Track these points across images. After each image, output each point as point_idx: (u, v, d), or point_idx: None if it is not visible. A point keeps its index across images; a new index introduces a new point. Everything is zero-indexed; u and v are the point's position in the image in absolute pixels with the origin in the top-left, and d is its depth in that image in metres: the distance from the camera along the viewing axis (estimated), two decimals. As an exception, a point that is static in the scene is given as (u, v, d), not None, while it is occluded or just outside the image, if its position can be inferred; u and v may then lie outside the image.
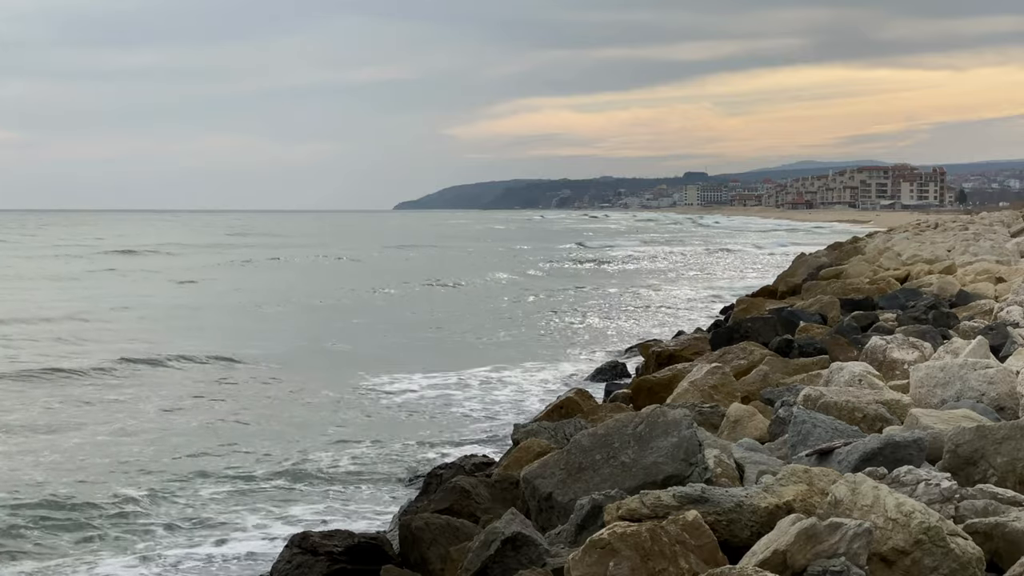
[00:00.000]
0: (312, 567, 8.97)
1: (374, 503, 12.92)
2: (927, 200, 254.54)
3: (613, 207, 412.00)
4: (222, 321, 32.74)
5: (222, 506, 12.82)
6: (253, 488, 13.57)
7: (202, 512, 12.56)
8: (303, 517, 12.26)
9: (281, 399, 19.65)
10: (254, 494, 13.32)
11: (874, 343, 12.96)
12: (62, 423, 17.16)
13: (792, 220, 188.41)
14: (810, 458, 7.90)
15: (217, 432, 16.71)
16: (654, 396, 13.93)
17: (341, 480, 13.99)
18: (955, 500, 6.87)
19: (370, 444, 15.93)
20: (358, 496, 13.26)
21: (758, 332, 17.32)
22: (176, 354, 24.03)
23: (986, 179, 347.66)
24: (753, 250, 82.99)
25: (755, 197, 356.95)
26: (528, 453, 10.43)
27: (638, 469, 7.96)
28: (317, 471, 14.35)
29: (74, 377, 21.33)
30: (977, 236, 40.98)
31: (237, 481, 13.85)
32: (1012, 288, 20.02)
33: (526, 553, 7.34)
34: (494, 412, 18.33)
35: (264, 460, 14.95)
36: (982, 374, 9.84)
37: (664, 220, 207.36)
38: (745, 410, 10.53)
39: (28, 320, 31.36)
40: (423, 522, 8.95)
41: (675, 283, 49.72)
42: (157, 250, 77.75)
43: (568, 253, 79.33)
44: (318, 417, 17.94)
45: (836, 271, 32.06)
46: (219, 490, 13.47)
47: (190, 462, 14.76)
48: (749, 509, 6.81)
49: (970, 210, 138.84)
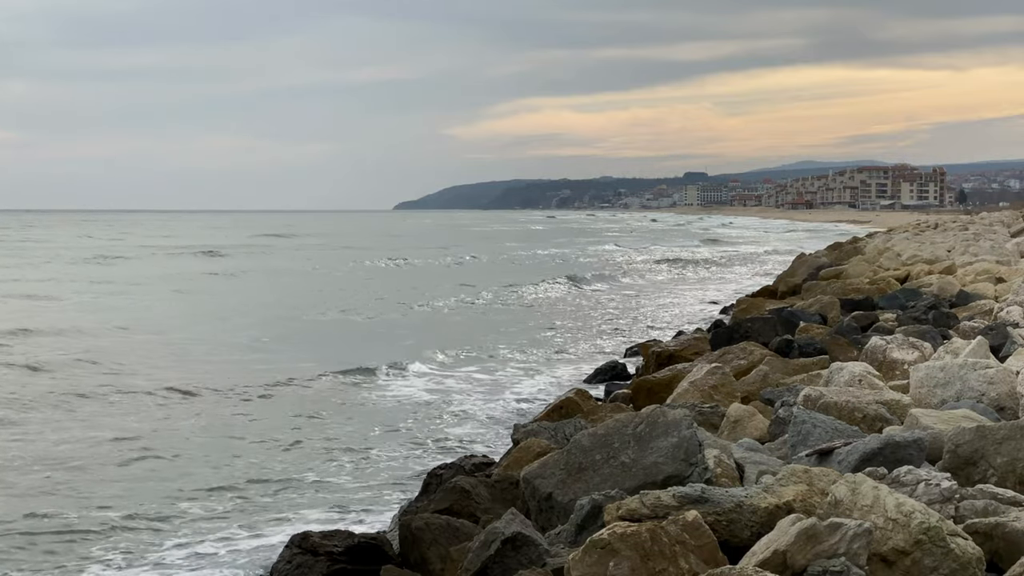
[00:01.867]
0: (312, 567, 8.97)
1: (374, 503, 12.92)
2: (927, 200, 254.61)
3: (613, 207, 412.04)
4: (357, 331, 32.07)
5: (222, 506, 12.82)
6: (253, 488, 13.57)
7: (202, 512, 12.55)
8: (303, 517, 12.25)
9: (282, 399, 19.65)
10: (254, 494, 13.32)
11: (874, 343, 12.96)
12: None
13: (793, 220, 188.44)
14: (810, 458, 7.90)
15: (218, 432, 16.74)
16: (654, 396, 13.94)
17: (341, 480, 13.98)
18: (955, 500, 6.88)
19: (370, 444, 15.94)
20: (358, 496, 13.25)
21: (758, 332, 17.32)
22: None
23: (986, 179, 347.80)
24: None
25: (755, 197, 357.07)
26: (528, 453, 10.43)
27: (638, 469, 7.96)
28: (317, 471, 14.35)
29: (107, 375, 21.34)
30: (977, 236, 41.00)
31: (237, 481, 13.84)
32: (1012, 288, 20.02)
33: (526, 553, 7.34)
34: (494, 412, 18.33)
35: (264, 460, 14.96)
36: (982, 374, 9.84)
37: (685, 221, 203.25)
38: (745, 410, 10.53)
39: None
40: (423, 522, 8.96)
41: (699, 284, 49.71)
42: (227, 253, 76.60)
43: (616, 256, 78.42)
44: (318, 417, 17.94)
45: (836, 271, 32.07)
46: (219, 490, 13.47)
47: (190, 462, 14.78)
48: (749, 509, 6.81)
49: (970, 210, 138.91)
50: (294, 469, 14.43)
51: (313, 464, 14.70)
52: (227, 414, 18.22)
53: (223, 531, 11.83)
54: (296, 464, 14.69)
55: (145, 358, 24.17)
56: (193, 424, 17.34)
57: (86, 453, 15.19)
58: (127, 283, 47.88)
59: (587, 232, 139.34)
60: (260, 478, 14.02)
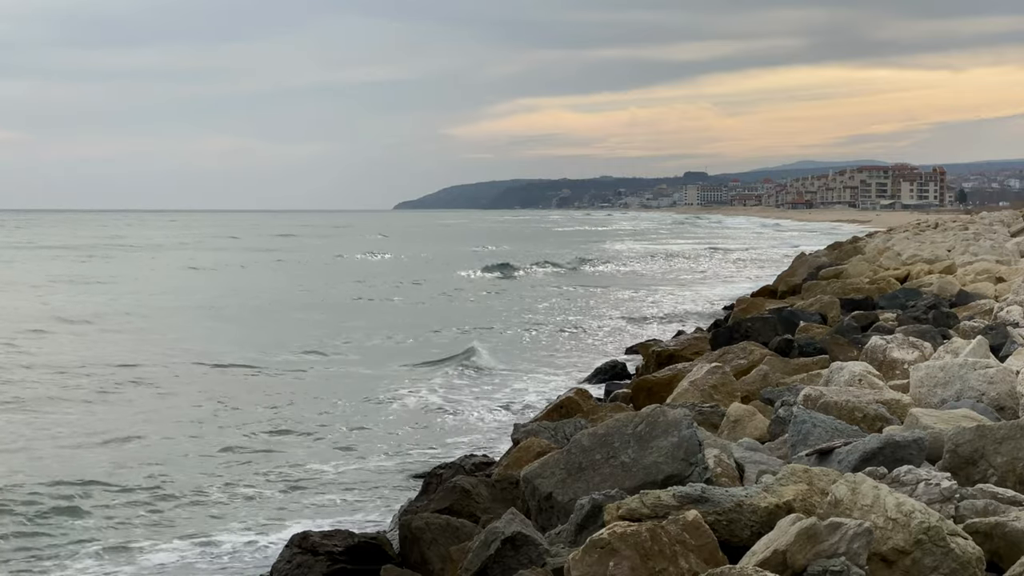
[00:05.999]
0: (312, 567, 8.97)
1: (374, 503, 12.92)
2: (927, 200, 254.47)
3: (613, 207, 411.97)
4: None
5: (222, 506, 12.82)
6: (253, 488, 13.57)
7: (201, 511, 12.56)
8: (303, 517, 12.25)
9: (281, 399, 19.64)
10: (254, 494, 13.32)
11: (874, 343, 12.96)
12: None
13: (793, 220, 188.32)
14: (810, 458, 7.90)
15: (211, 430, 16.74)
16: (654, 396, 13.93)
17: (341, 480, 13.98)
18: (955, 500, 6.87)
19: (370, 443, 15.94)
20: (358, 496, 13.25)
21: (758, 332, 17.32)
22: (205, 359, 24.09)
23: (986, 179, 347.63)
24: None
25: (755, 197, 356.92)
26: (528, 453, 10.42)
27: (638, 469, 7.96)
28: (317, 471, 14.35)
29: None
30: (977, 236, 40.96)
31: (237, 481, 13.85)
32: (1012, 288, 20.01)
33: (526, 553, 7.34)
34: (494, 411, 18.33)
35: (264, 460, 14.96)
36: (982, 374, 9.84)
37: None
38: (745, 410, 10.53)
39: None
40: (423, 522, 8.96)
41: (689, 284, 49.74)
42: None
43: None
44: (318, 417, 17.94)
45: (836, 271, 32.06)
46: (218, 490, 13.47)
47: (189, 462, 14.78)
48: (749, 509, 6.81)
49: (970, 210, 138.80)
50: (293, 469, 14.43)
51: (313, 464, 14.70)
52: (220, 412, 18.23)
53: (223, 531, 11.83)
54: (295, 464, 14.69)
55: (149, 351, 24.21)
56: (191, 422, 17.35)
57: (76, 442, 15.22)
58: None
59: (587, 233, 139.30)
60: (259, 477, 14.02)
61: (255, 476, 14.10)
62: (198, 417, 17.86)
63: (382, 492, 13.39)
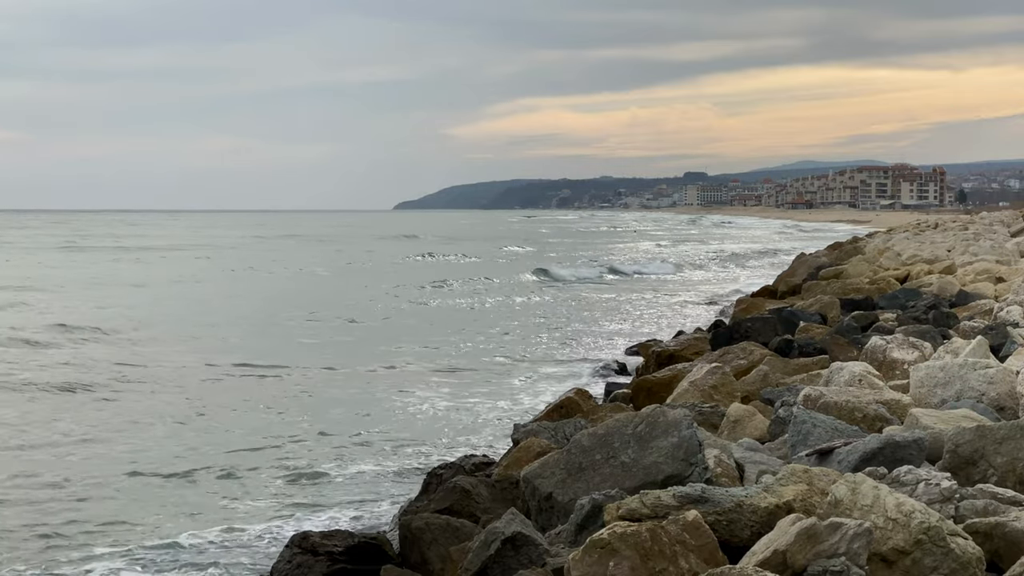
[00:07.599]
0: (312, 567, 8.97)
1: (374, 503, 12.92)
2: (927, 200, 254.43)
3: (613, 207, 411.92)
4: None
5: (222, 506, 12.82)
6: (253, 487, 13.58)
7: (201, 511, 12.56)
8: (303, 517, 12.26)
9: (285, 401, 19.65)
10: (254, 493, 13.33)
11: (874, 343, 12.96)
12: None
13: (794, 220, 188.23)
14: (810, 458, 7.90)
15: (210, 428, 16.75)
16: (654, 396, 13.93)
17: (341, 479, 13.98)
18: (955, 500, 6.87)
19: (369, 443, 15.94)
20: (358, 496, 13.25)
21: (758, 332, 17.31)
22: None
23: (986, 179, 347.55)
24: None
25: (755, 197, 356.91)
26: (528, 453, 10.42)
27: (638, 469, 7.96)
28: (317, 471, 14.35)
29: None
30: (977, 236, 40.96)
31: (237, 481, 13.85)
32: (1012, 288, 20.01)
33: (526, 553, 7.34)
34: (494, 411, 18.33)
35: (261, 459, 14.96)
36: (982, 374, 9.84)
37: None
38: (745, 410, 10.53)
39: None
40: (423, 522, 8.96)
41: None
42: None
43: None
44: (316, 416, 17.94)
45: (836, 271, 32.06)
46: (218, 490, 13.48)
47: (188, 462, 14.78)
48: (749, 509, 6.81)
49: (970, 210, 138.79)
50: (293, 469, 14.43)
51: (312, 464, 14.70)
52: (219, 411, 18.24)
53: (223, 530, 11.83)
54: (295, 464, 14.69)
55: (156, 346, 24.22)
56: (189, 420, 17.36)
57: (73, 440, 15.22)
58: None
59: (584, 233, 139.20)
60: (259, 477, 14.02)
61: (254, 475, 14.10)
62: (192, 411, 17.88)
63: (382, 492, 13.39)
